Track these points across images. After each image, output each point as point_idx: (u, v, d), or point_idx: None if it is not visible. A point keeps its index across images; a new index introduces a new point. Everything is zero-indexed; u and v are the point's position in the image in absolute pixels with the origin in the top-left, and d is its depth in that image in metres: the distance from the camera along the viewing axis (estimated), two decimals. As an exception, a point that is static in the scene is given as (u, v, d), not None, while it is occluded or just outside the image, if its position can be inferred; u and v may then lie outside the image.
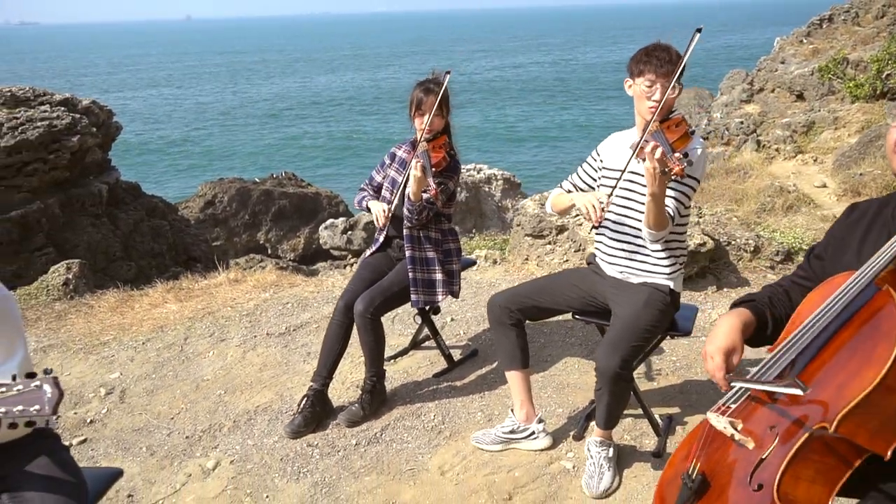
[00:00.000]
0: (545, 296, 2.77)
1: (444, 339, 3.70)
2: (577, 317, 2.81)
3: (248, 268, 8.44)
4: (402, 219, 3.12)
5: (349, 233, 12.71)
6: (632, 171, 2.56)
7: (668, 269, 2.60)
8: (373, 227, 3.11)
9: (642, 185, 2.50)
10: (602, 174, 2.73)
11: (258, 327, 4.21)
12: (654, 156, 2.17)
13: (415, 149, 3.02)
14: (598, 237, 2.75)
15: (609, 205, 2.45)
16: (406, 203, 2.99)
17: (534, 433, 2.82)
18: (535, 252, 4.82)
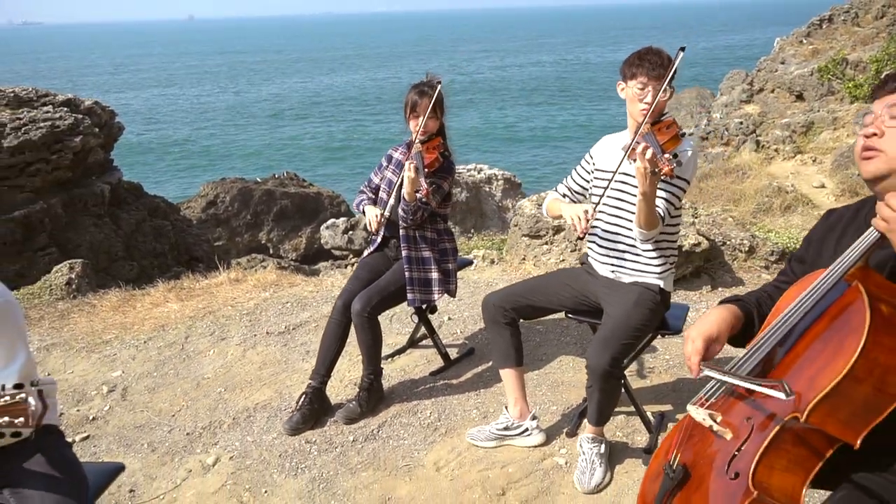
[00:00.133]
0: (538, 295, 2.82)
1: (442, 337, 3.76)
2: (570, 316, 2.86)
3: (249, 267, 8.50)
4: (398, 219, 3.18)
5: (350, 233, 12.77)
6: (623, 171, 2.61)
7: (658, 268, 2.65)
8: (373, 227, 3.20)
9: (634, 185, 2.55)
10: (595, 175, 2.78)
11: (258, 326, 4.27)
12: (644, 156, 2.23)
13: (410, 150, 3.08)
14: (591, 237, 2.80)
15: (595, 216, 2.51)
16: (401, 203, 3.05)
17: (527, 430, 2.87)
18: (532, 252, 4.88)
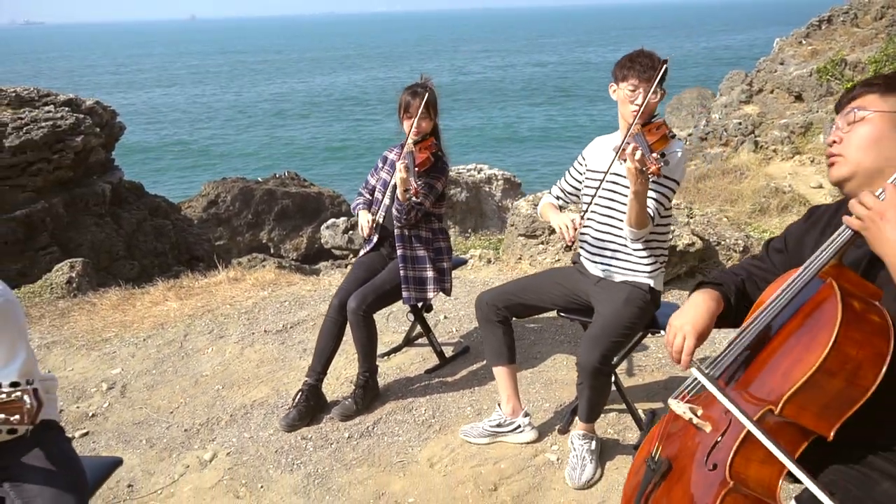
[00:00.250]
0: (531, 294, 2.87)
1: (437, 336, 3.81)
2: (562, 314, 2.90)
3: (250, 267, 8.54)
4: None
5: (350, 232, 12.81)
6: (615, 172, 2.66)
7: (648, 268, 2.69)
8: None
9: (625, 186, 2.59)
10: (587, 176, 2.82)
11: (256, 324, 4.31)
12: (633, 156, 2.27)
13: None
14: (583, 237, 2.84)
15: (583, 224, 2.55)
16: (395, 203, 3.09)
17: (520, 426, 2.91)
18: (528, 252, 4.92)
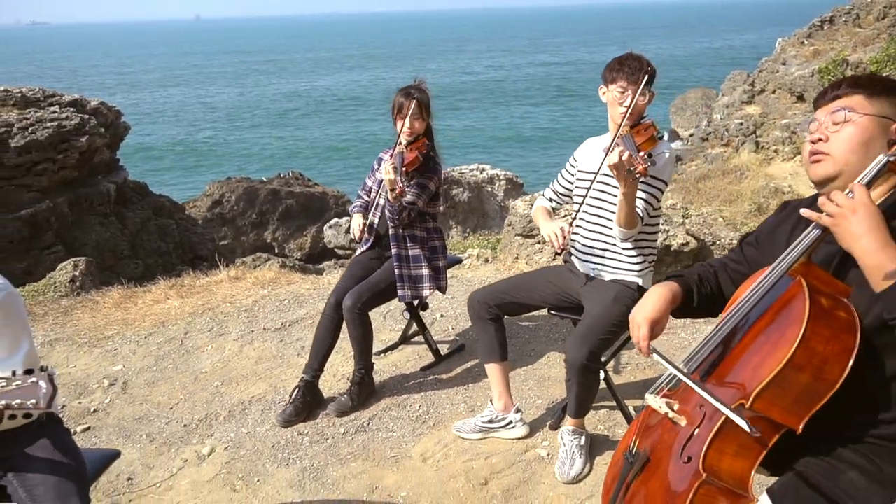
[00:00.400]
0: (522, 292, 2.92)
1: (433, 334, 3.87)
2: (552, 312, 2.96)
3: (254, 266, 8.61)
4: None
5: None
6: (605, 173, 2.70)
7: (637, 266, 2.75)
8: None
9: (614, 186, 2.64)
10: (578, 177, 2.88)
11: (256, 322, 4.38)
12: (621, 157, 2.32)
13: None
14: (574, 236, 2.89)
15: (571, 233, 2.61)
16: (387, 203, 3.15)
17: (511, 422, 2.97)
18: (525, 251, 4.97)
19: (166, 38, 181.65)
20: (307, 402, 3.26)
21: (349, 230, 13.61)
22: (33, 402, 1.62)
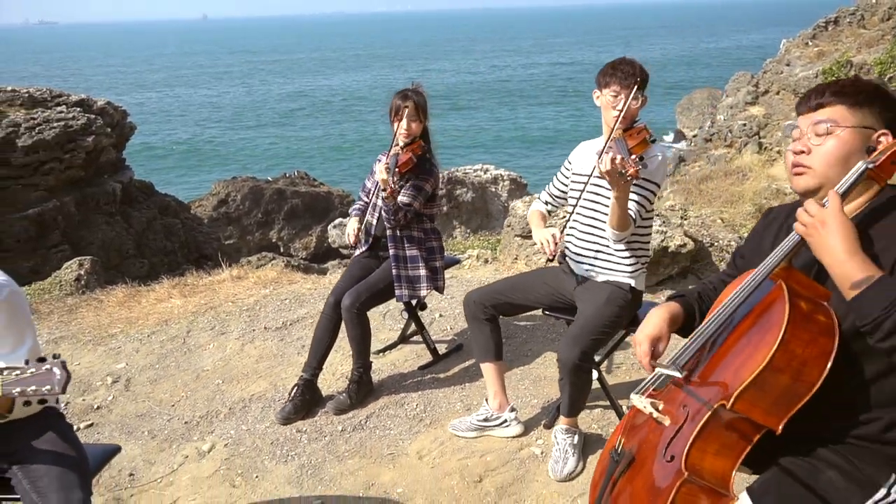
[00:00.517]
0: (517, 293, 2.96)
1: (432, 333, 3.91)
2: (547, 312, 3.00)
3: (259, 265, 8.68)
4: None
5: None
6: (598, 175, 2.74)
7: (630, 268, 2.79)
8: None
9: (607, 188, 2.68)
10: (572, 179, 2.92)
11: (257, 321, 4.43)
12: (613, 161, 2.36)
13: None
14: (568, 238, 2.93)
15: (563, 240, 2.65)
16: (382, 204, 3.20)
17: (506, 421, 3.01)
18: (524, 252, 5.01)
19: (173, 38, 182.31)
20: (306, 401, 3.31)
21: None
22: (48, 387, 1.69)
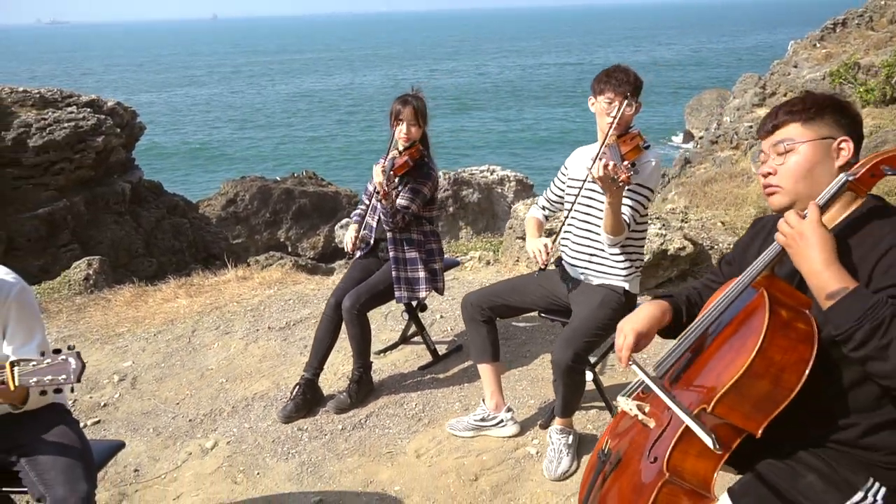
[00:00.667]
0: (514, 295, 3.02)
1: (432, 334, 3.97)
2: (542, 315, 3.05)
3: (266, 265, 8.77)
4: None
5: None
6: (592, 181, 2.80)
7: (624, 271, 2.83)
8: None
9: (602, 193, 2.74)
10: (568, 184, 2.98)
11: (261, 321, 4.51)
12: (606, 167, 2.42)
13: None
14: (564, 241, 2.99)
15: (555, 250, 2.71)
16: (380, 207, 3.26)
17: (502, 421, 3.06)
18: (526, 254, 5.06)
19: (183, 38, 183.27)
20: (307, 400, 3.38)
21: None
22: (64, 377, 1.78)
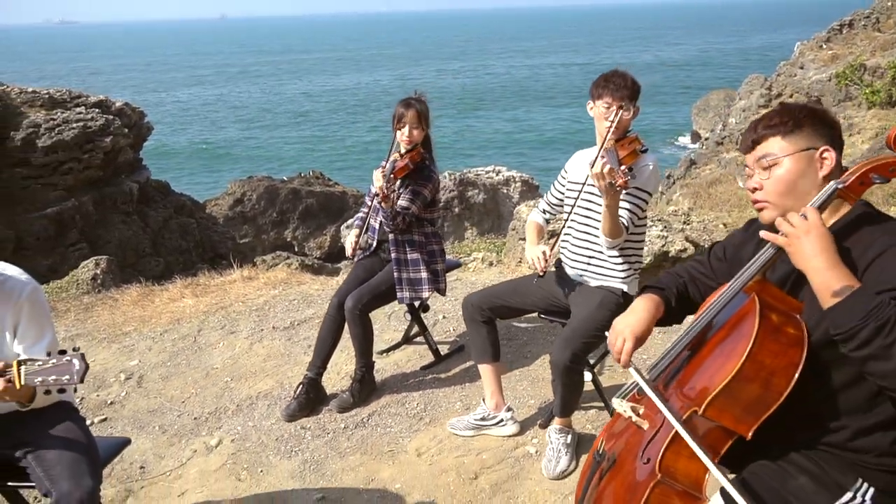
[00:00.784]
0: (514, 296, 3.06)
1: (435, 335, 4.02)
2: (542, 316, 3.09)
3: (273, 265, 8.82)
4: None
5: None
6: (591, 184, 2.84)
7: (623, 273, 2.87)
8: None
9: (600, 196, 2.77)
10: (567, 188, 3.01)
11: (266, 321, 4.56)
12: (603, 171, 2.45)
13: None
14: (563, 244, 3.03)
15: (553, 257, 2.75)
16: (381, 210, 3.31)
17: (502, 420, 3.10)
18: (529, 255, 5.09)
19: (192, 38, 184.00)
20: (310, 398, 3.42)
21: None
22: (67, 377, 1.83)
